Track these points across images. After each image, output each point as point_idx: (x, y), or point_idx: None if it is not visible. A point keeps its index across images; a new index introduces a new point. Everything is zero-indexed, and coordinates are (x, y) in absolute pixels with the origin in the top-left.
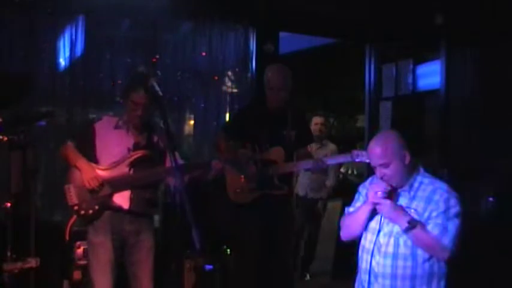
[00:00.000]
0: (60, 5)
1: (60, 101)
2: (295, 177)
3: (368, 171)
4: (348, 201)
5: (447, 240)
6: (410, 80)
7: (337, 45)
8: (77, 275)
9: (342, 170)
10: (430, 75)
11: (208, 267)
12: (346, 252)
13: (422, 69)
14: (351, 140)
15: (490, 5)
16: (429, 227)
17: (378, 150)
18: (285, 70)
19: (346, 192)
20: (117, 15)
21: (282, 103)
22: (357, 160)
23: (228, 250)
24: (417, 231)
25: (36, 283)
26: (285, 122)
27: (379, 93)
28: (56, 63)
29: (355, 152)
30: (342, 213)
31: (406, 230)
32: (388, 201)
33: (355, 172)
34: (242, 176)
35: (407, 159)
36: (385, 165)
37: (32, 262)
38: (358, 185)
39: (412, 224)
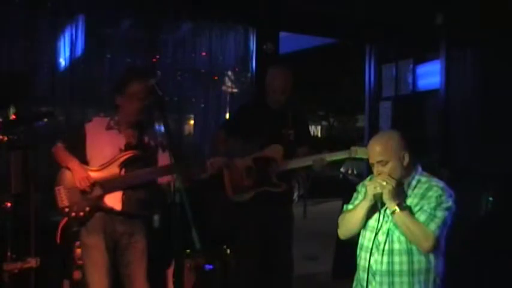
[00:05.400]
0: (60, 5)
1: (60, 101)
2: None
3: (368, 170)
4: (349, 201)
5: (433, 227)
6: (410, 80)
7: (337, 45)
8: (77, 274)
9: (342, 169)
10: (430, 75)
11: (208, 267)
12: (346, 252)
13: (422, 69)
14: (351, 140)
15: (490, 5)
16: (416, 215)
17: (378, 148)
18: (285, 73)
19: (346, 191)
20: (117, 15)
21: (280, 105)
22: (356, 156)
23: (228, 250)
24: (404, 215)
25: (36, 283)
26: (284, 121)
27: (379, 93)
28: (56, 63)
29: (353, 148)
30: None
31: (393, 212)
32: (394, 181)
33: (355, 172)
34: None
35: (406, 160)
36: (383, 163)
37: (32, 262)
38: (358, 184)
39: (400, 207)
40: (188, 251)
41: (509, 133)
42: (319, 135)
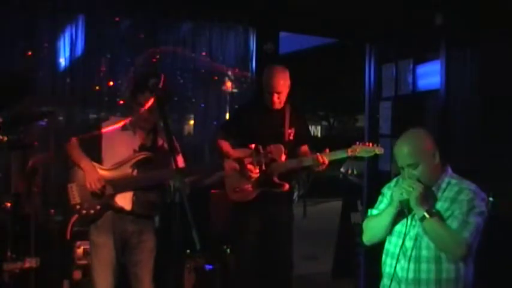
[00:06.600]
0: (60, 5)
1: (60, 101)
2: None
3: (368, 170)
4: (349, 201)
5: (466, 234)
6: (410, 80)
7: (337, 45)
8: (77, 275)
9: (342, 169)
10: (430, 75)
11: (208, 267)
12: (346, 252)
13: (422, 69)
14: (351, 140)
15: (490, 4)
16: (448, 222)
17: (406, 150)
18: (281, 73)
19: (346, 192)
20: (117, 14)
21: (277, 105)
22: (357, 155)
23: (228, 250)
24: (434, 222)
25: (36, 283)
26: (283, 121)
27: (379, 93)
28: (56, 63)
29: (354, 146)
30: (342, 213)
31: (423, 219)
32: (421, 185)
33: (355, 172)
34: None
35: (437, 159)
36: (414, 166)
37: (32, 262)
38: (357, 185)
39: (430, 213)
40: (188, 251)
41: (509, 133)
42: (319, 135)
